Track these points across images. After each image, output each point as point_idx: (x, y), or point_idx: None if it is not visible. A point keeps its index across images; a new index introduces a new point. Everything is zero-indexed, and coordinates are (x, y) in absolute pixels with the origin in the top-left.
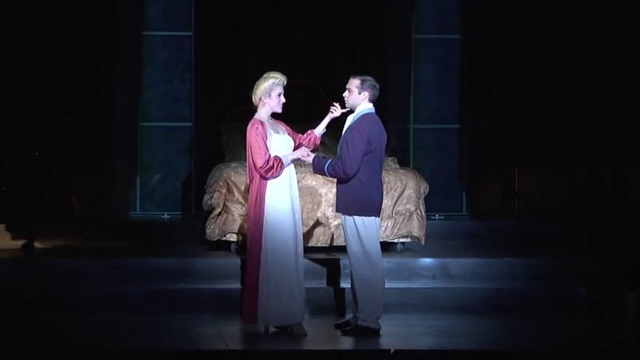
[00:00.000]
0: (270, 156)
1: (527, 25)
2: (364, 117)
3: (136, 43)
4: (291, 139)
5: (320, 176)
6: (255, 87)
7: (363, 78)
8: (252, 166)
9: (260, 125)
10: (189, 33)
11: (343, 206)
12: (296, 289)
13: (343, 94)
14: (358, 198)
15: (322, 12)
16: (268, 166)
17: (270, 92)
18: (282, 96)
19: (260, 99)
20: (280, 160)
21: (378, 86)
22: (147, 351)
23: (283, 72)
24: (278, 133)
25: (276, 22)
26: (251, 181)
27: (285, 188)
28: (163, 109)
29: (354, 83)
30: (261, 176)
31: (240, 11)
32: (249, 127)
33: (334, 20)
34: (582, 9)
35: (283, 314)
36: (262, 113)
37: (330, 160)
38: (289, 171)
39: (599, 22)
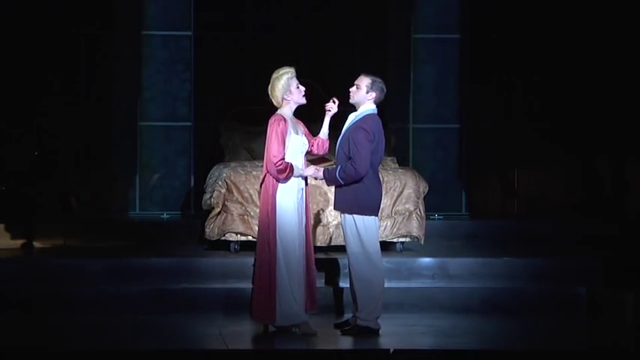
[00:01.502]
0: (285, 156)
1: (526, 25)
2: (368, 117)
3: (136, 42)
4: (307, 140)
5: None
6: (271, 90)
7: (375, 79)
8: (267, 161)
9: (283, 122)
10: (189, 33)
11: (343, 205)
12: (301, 289)
13: (350, 89)
14: (358, 197)
15: (322, 12)
16: (282, 166)
17: (289, 87)
18: (300, 86)
19: (282, 98)
20: (293, 169)
21: (385, 91)
22: (147, 351)
23: None
24: (297, 133)
25: (276, 22)
26: (264, 177)
27: (293, 189)
28: (163, 109)
29: (364, 81)
30: (271, 173)
31: (239, 11)
32: (271, 122)
33: (334, 20)
34: (582, 8)
35: (295, 314)
36: (286, 110)
37: (339, 167)
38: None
39: (599, 21)
